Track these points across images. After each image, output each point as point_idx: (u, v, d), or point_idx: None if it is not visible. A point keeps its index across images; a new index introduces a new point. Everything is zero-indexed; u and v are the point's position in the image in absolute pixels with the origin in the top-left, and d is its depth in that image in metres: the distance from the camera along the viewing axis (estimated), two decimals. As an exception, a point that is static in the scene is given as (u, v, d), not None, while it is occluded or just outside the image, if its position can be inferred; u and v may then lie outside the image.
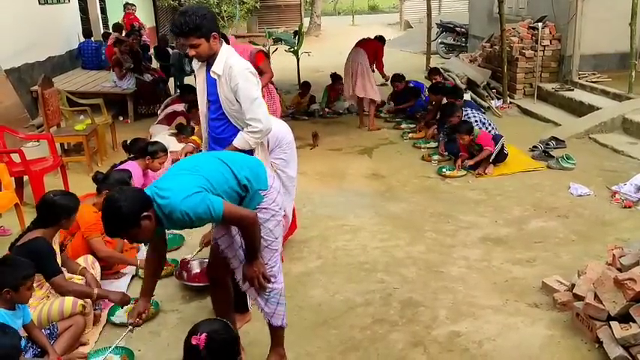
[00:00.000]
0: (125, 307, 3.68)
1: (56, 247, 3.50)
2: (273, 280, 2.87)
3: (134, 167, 4.87)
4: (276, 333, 3.02)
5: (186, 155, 3.42)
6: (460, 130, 6.23)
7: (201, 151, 3.58)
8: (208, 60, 3.20)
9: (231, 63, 3.16)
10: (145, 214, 2.48)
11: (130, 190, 2.63)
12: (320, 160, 6.88)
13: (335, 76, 9.62)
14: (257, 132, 3.22)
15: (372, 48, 8.47)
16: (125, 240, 4.37)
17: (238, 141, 3.23)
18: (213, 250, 3.05)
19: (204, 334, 2.16)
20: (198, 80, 3.35)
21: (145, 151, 5.07)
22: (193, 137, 3.65)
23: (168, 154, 5.35)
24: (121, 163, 5.05)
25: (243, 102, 3.17)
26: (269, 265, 2.85)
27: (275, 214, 2.84)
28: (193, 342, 2.16)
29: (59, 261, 3.42)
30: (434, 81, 8.45)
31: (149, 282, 2.93)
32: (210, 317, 3.48)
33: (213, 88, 3.25)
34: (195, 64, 3.35)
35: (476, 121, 6.48)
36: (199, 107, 3.44)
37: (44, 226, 3.35)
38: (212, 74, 3.18)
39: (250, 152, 3.25)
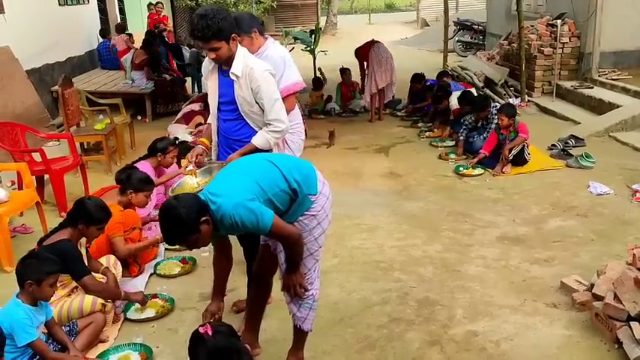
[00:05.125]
0: (137, 305, 3.73)
1: (82, 250, 3.55)
2: (309, 287, 2.85)
3: (146, 167, 4.91)
4: (301, 337, 3.00)
5: (196, 158, 3.32)
6: (502, 110, 6.20)
7: (209, 153, 3.53)
8: (224, 62, 3.16)
9: (251, 64, 3.13)
10: (203, 218, 2.47)
11: (186, 196, 2.58)
12: (336, 159, 6.88)
13: (343, 70, 9.63)
14: (279, 131, 3.21)
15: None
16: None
17: (258, 140, 3.20)
18: (261, 251, 3.02)
19: (208, 325, 2.29)
20: (210, 82, 3.31)
21: (154, 149, 5.11)
22: (202, 139, 3.46)
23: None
24: (133, 163, 5.10)
25: (265, 103, 3.15)
26: (309, 272, 2.83)
27: (322, 221, 2.78)
28: (201, 331, 2.27)
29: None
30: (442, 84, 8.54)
31: (219, 283, 2.93)
32: (227, 315, 3.53)
33: (227, 89, 3.21)
34: (206, 65, 3.31)
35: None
36: (210, 109, 3.39)
37: (68, 224, 3.41)
38: (231, 75, 3.14)
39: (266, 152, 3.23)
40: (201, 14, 3.03)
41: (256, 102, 3.18)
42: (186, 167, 3.26)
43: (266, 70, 3.17)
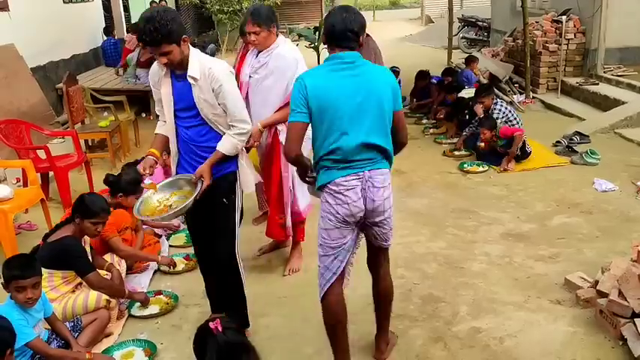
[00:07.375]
0: (139, 303, 3.73)
1: (86, 247, 3.55)
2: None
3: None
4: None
5: (149, 170, 3.09)
6: (483, 124, 6.19)
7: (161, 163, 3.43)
8: (176, 66, 2.95)
9: (208, 64, 2.97)
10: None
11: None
12: (340, 156, 6.86)
13: None
14: (244, 133, 3.05)
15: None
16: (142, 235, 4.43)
17: (225, 146, 3.01)
18: (329, 299, 2.98)
19: (218, 320, 2.25)
20: (162, 89, 3.06)
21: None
22: (152, 150, 3.18)
23: None
24: (142, 159, 5.09)
25: (228, 103, 2.98)
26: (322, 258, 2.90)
27: (324, 217, 2.79)
28: (211, 326, 2.24)
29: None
30: (446, 81, 8.49)
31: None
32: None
33: (184, 94, 3.01)
34: (156, 72, 3.08)
35: (504, 113, 6.39)
36: (167, 119, 3.13)
37: (71, 219, 3.42)
38: (189, 79, 2.95)
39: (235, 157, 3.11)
40: (147, 17, 2.83)
41: (219, 103, 3.00)
42: (145, 181, 3.12)
43: (226, 69, 3.02)
